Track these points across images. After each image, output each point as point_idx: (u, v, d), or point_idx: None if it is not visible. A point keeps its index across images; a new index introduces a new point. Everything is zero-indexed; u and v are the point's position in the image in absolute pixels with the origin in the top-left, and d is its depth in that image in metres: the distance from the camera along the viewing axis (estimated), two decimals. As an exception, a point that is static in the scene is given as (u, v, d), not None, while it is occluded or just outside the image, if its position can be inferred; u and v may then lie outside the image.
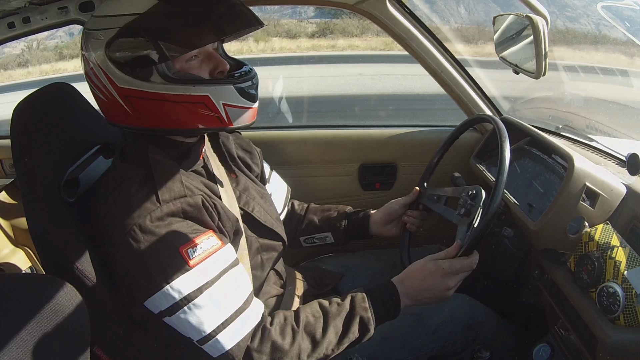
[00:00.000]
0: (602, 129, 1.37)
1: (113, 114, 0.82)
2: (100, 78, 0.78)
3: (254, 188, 0.99)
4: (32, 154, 0.80)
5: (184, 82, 0.77)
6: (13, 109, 0.83)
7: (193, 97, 0.77)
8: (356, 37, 7.68)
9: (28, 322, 0.61)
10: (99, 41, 0.76)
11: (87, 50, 0.79)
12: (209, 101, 0.77)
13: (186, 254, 0.72)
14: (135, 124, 0.80)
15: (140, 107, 0.78)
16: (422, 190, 1.20)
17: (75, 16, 1.42)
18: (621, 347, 0.74)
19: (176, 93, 0.76)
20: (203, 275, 0.73)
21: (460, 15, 6.64)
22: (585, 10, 3.48)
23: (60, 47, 7.38)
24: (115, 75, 0.77)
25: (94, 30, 0.78)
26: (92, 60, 0.78)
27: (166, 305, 0.72)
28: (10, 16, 1.38)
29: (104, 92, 0.79)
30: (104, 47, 0.76)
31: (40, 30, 1.45)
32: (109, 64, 0.76)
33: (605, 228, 0.84)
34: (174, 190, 0.77)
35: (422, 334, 1.00)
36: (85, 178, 0.89)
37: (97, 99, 0.83)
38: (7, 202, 1.70)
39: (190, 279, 0.72)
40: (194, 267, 0.72)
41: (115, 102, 0.79)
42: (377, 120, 4.39)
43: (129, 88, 0.77)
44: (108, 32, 0.76)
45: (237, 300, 0.76)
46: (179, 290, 0.71)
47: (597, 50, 2.37)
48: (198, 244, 0.74)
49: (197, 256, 0.73)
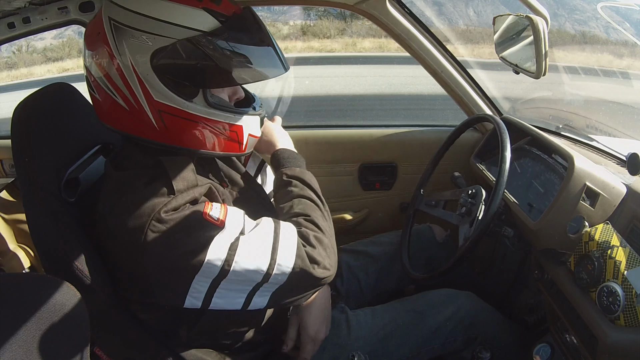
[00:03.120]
0: (602, 128, 1.37)
1: (128, 124, 0.76)
2: (129, 83, 0.72)
3: (251, 187, 0.97)
4: (32, 153, 0.80)
5: (224, 110, 0.77)
6: (14, 109, 0.83)
7: (230, 126, 0.78)
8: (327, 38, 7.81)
9: (28, 322, 0.61)
10: (144, 46, 0.70)
11: (121, 52, 0.71)
12: (241, 131, 0.79)
13: (210, 218, 0.71)
14: (155, 138, 0.76)
15: (172, 124, 0.74)
16: (419, 197, 1.20)
17: (75, 16, 1.42)
18: (621, 347, 0.74)
19: (216, 119, 0.76)
20: (233, 227, 0.72)
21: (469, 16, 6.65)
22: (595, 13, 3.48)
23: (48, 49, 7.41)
24: (154, 87, 0.72)
25: (136, 30, 0.70)
26: (124, 62, 0.71)
27: (212, 275, 0.71)
28: (10, 16, 1.38)
29: (126, 99, 0.73)
30: (150, 54, 0.70)
31: (40, 30, 1.45)
32: (150, 74, 0.71)
33: (605, 228, 0.84)
34: (188, 179, 0.74)
35: (423, 332, 1.00)
36: (86, 178, 0.88)
37: (105, 101, 0.76)
38: (7, 202, 1.70)
39: (225, 235, 0.71)
40: (222, 222, 0.71)
41: (138, 114, 0.74)
42: (377, 120, 4.39)
43: (166, 104, 0.73)
44: (159, 40, 0.70)
45: (267, 244, 0.74)
46: (218, 254, 0.70)
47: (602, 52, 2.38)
48: (213, 206, 0.73)
49: (219, 213, 0.72)
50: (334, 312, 1.04)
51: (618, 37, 2.18)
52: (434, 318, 1.01)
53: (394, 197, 1.57)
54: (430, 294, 1.06)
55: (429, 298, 1.05)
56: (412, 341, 0.99)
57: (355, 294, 1.18)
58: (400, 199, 1.57)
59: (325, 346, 0.97)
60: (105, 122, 0.80)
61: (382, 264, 1.21)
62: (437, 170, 1.23)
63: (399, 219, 1.47)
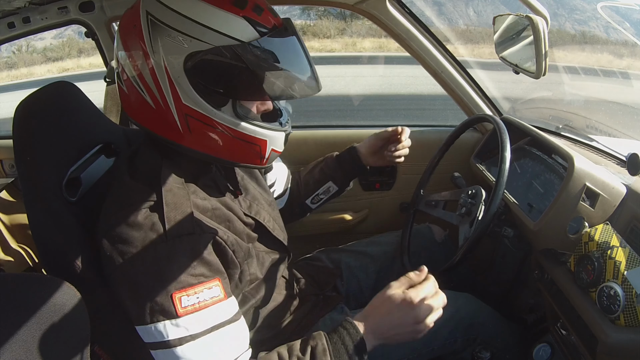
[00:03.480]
0: (602, 128, 1.37)
1: (151, 121, 0.75)
2: (159, 82, 0.70)
3: (263, 197, 0.97)
4: (34, 152, 0.80)
5: (251, 123, 0.75)
6: (15, 108, 0.83)
7: (254, 139, 0.76)
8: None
9: (28, 322, 0.61)
10: (180, 47, 0.68)
11: (155, 50, 0.69)
12: (264, 145, 0.78)
13: (178, 301, 0.68)
14: (178, 140, 0.74)
15: (196, 130, 0.73)
16: (419, 197, 1.20)
17: (75, 16, 1.42)
18: (621, 347, 0.74)
19: (242, 131, 0.74)
20: (189, 327, 0.69)
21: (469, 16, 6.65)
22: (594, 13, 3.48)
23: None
24: (184, 90, 0.70)
25: (173, 29, 0.68)
26: (156, 61, 0.69)
27: (148, 340, 0.70)
28: (10, 16, 1.39)
29: (154, 97, 0.72)
30: (185, 56, 0.69)
31: (40, 30, 1.45)
32: (182, 77, 0.69)
33: (605, 228, 0.84)
34: (184, 226, 0.71)
35: None
36: (87, 177, 0.88)
37: (132, 96, 0.75)
38: (7, 202, 1.70)
39: (175, 327, 0.68)
40: (181, 316, 0.68)
41: (164, 113, 0.72)
42: (377, 120, 4.40)
43: (194, 109, 0.71)
44: (195, 43, 0.68)
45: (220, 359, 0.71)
46: (161, 333, 0.68)
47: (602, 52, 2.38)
48: (196, 292, 0.69)
49: (189, 306, 0.68)
50: (333, 313, 1.04)
51: (618, 37, 2.18)
52: None
53: (394, 197, 1.57)
54: None
55: None
56: (412, 342, 0.99)
57: (355, 294, 1.18)
58: (400, 199, 1.57)
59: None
60: (131, 115, 0.78)
61: (381, 264, 1.20)
62: (437, 170, 1.23)
63: (399, 219, 1.47)
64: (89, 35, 1.48)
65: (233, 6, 0.70)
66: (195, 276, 0.70)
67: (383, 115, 4.78)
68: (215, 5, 0.69)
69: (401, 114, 4.76)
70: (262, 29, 0.71)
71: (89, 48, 7.18)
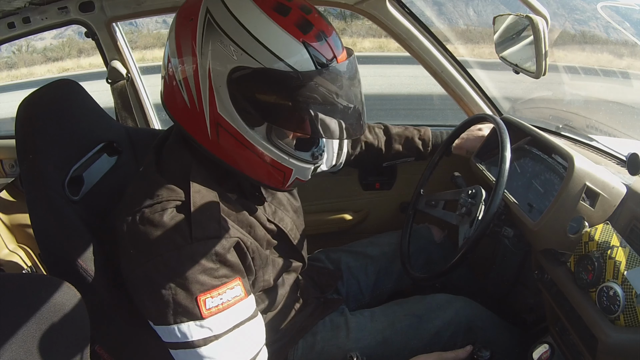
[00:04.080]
0: (602, 128, 1.37)
1: (184, 117, 0.74)
2: (199, 84, 0.69)
3: (289, 203, 0.97)
4: (36, 151, 0.79)
5: (281, 150, 0.74)
6: (18, 106, 0.82)
7: (280, 165, 0.75)
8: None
9: (28, 322, 0.61)
10: (228, 57, 0.66)
11: (204, 52, 0.67)
12: (289, 172, 0.77)
13: (203, 303, 0.68)
14: (206, 145, 0.74)
15: (225, 140, 0.72)
16: (419, 197, 1.20)
17: (75, 16, 1.42)
18: (621, 347, 0.74)
19: (270, 155, 0.74)
20: (214, 328, 0.69)
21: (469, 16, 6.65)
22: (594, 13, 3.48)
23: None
24: (222, 100, 0.69)
25: (227, 37, 0.66)
26: (202, 63, 0.67)
27: (168, 340, 0.70)
28: (10, 16, 1.39)
29: (191, 97, 0.70)
30: (231, 68, 0.66)
31: (40, 30, 1.45)
32: (223, 87, 0.68)
33: (605, 228, 0.84)
34: (209, 229, 0.71)
35: (423, 336, 1.00)
36: (89, 176, 0.88)
37: (171, 88, 0.73)
38: (7, 202, 1.70)
39: (199, 328, 0.68)
40: (206, 318, 0.68)
41: (197, 115, 0.71)
42: (377, 120, 4.39)
43: (227, 121, 0.70)
44: (245, 58, 0.65)
45: (241, 356, 0.72)
46: (184, 334, 0.68)
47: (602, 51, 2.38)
48: (220, 293, 0.69)
49: (213, 307, 0.69)
50: (333, 314, 1.04)
51: (618, 37, 2.18)
52: (432, 322, 1.01)
53: (394, 197, 1.57)
54: (428, 298, 1.06)
55: (428, 302, 1.05)
56: (413, 345, 0.99)
57: (354, 294, 1.18)
58: (400, 199, 1.57)
59: (324, 347, 0.97)
60: (167, 106, 0.77)
61: (381, 265, 1.21)
62: (437, 170, 1.23)
63: (399, 219, 1.47)
64: (89, 35, 1.48)
65: (297, 29, 0.67)
66: (219, 278, 0.70)
67: (383, 115, 4.78)
68: (277, 22, 0.66)
69: (401, 114, 4.76)
70: (320, 59, 0.68)
71: (89, 48, 7.17)
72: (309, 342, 0.98)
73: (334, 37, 0.72)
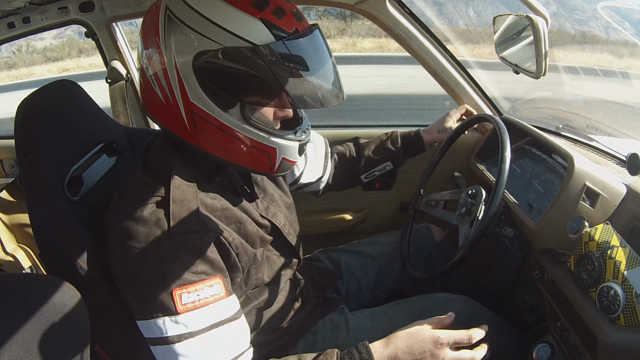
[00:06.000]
0: (602, 128, 1.37)
1: (163, 116, 0.75)
2: (169, 77, 0.70)
3: (282, 199, 0.97)
4: (36, 151, 0.79)
5: (260, 129, 0.73)
6: (17, 106, 0.82)
7: (262, 145, 0.74)
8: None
9: (28, 322, 0.61)
10: (190, 45, 0.68)
11: (168, 46, 0.69)
12: (274, 153, 0.76)
13: (178, 298, 0.68)
14: (187, 138, 0.74)
15: (203, 129, 0.72)
16: (419, 197, 1.20)
17: (75, 16, 1.42)
18: (621, 347, 0.74)
19: (249, 136, 0.73)
20: (188, 325, 0.69)
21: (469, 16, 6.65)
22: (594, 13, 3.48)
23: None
24: (192, 88, 0.70)
25: (187, 26, 0.68)
26: (168, 56, 0.69)
27: (147, 335, 0.71)
28: (10, 16, 1.39)
29: (164, 91, 0.72)
30: (194, 55, 0.68)
31: (40, 30, 1.45)
32: (190, 75, 0.69)
33: (605, 228, 0.84)
34: (188, 223, 0.71)
35: None
36: (89, 176, 0.88)
37: (146, 89, 0.75)
38: (7, 202, 1.70)
39: (174, 324, 0.68)
40: (180, 313, 0.68)
41: (173, 109, 0.72)
42: (377, 120, 4.39)
43: (200, 108, 0.71)
44: (205, 42, 0.67)
45: (220, 358, 0.72)
46: (160, 329, 0.68)
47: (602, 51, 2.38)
48: (197, 290, 0.69)
49: (189, 303, 0.69)
50: (333, 313, 1.04)
51: (618, 37, 2.18)
52: None
53: (394, 197, 1.57)
54: (428, 298, 1.06)
55: (428, 301, 1.05)
56: None
57: (354, 294, 1.18)
58: (400, 199, 1.57)
59: (324, 347, 0.97)
60: (146, 108, 0.78)
61: (380, 264, 1.21)
62: (437, 170, 1.23)
63: (399, 219, 1.47)
64: (89, 35, 1.48)
65: (252, 7, 0.69)
66: (197, 274, 0.70)
67: (383, 115, 4.78)
68: (233, 5, 0.68)
69: (401, 114, 4.77)
70: (279, 32, 0.69)
71: (89, 48, 7.19)
72: (308, 341, 0.98)
73: (295, 13, 0.72)
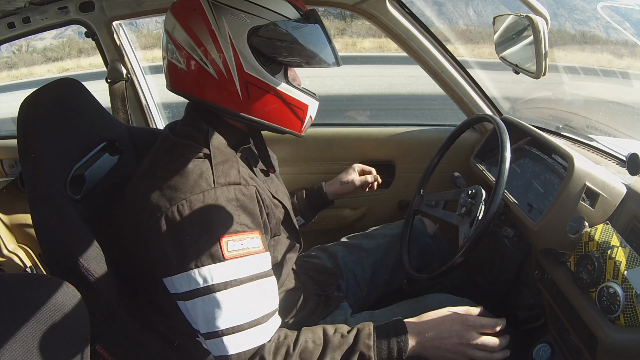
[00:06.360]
0: (602, 128, 1.37)
1: (212, 92, 0.82)
2: (224, 54, 0.79)
3: (280, 187, 1.02)
4: (38, 149, 0.79)
5: (297, 89, 0.86)
6: (20, 105, 0.82)
7: (300, 103, 0.87)
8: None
9: (28, 322, 0.61)
10: (243, 23, 0.79)
11: (220, 26, 0.79)
12: (306, 110, 0.89)
13: (225, 245, 0.71)
14: (235, 108, 0.82)
15: (255, 96, 0.82)
16: (419, 197, 1.20)
17: (75, 16, 1.42)
18: (621, 347, 0.74)
19: (292, 95, 0.85)
20: (234, 272, 0.71)
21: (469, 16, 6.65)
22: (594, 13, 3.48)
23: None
24: (247, 60, 0.80)
25: (236, 9, 0.79)
26: (222, 35, 0.79)
27: (187, 288, 0.71)
28: (10, 16, 1.39)
29: (218, 69, 0.80)
30: (248, 30, 0.79)
31: (40, 30, 1.45)
32: (245, 48, 0.79)
33: (605, 228, 0.84)
34: (230, 176, 0.77)
35: None
36: (91, 175, 0.88)
37: (194, 71, 0.82)
38: (8, 202, 1.70)
39: (221, 270, 0.70)
40: (228, 260, 0.70)
41: (227, 83, 0.81)
42: (377, 120, 4.39)
43: (254, 76, 0.81)
44: (255, 19, 0.80)
45: (257, 311, 0.73)
46: (204, 278, 0.70)
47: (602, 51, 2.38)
48: (241, 239, 0.73)
49: (235, 251, 0.71)
50: (335, 313, 1.04)
51: (618, 37, 2.18)
52: None
53: (393, 195, 1.57)
54: (428, 298, 1.06)
55: (428, 303, 1.05)
56: None
57: (352, 288, 1.20)
58: (399, 197, 1.57)
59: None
60: (184, 90, 0.85)
61: (376, 257, 1.23)
62: (437, 170, 1.23)
63: (397, 216, 1.47)
64: (89, 35, 1.48)
65: None
66: (240, 224, 0.74)
67: (383, 115, 4.78)
68: None
69: (401, 114, 4.76)
70: (300, 11, 0.85)
71: (89, 48, 7.17)
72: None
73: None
